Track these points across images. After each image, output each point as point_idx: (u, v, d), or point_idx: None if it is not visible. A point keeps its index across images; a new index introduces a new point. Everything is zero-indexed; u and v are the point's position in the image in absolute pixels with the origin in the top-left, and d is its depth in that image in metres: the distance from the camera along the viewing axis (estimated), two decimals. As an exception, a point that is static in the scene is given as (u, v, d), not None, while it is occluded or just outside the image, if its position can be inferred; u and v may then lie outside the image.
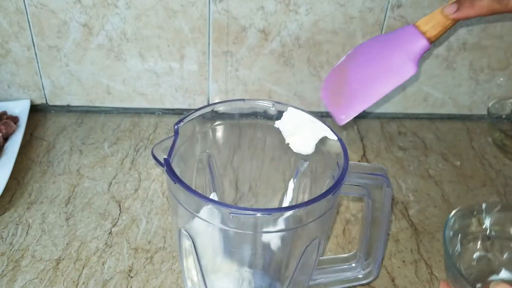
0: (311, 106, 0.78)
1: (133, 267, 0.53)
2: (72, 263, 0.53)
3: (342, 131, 0.76)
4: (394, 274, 0.54)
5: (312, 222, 0.41)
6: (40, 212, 0.59)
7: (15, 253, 0.54)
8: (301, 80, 0.75)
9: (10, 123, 0.67)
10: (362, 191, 0.45)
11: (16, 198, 0.61)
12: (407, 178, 0.68)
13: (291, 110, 0.47)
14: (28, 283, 0.50)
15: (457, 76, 0.77)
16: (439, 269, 0.55)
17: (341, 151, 0.43)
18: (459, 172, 0.70)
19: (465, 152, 0.74)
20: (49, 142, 0.70)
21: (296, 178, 0.50)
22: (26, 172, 0.65)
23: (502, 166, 0.72)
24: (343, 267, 0.49)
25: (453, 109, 0.81)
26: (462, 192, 0.66)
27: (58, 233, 0.56)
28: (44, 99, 0.76)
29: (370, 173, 0.44)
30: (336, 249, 0.57)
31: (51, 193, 0.62)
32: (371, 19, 0.70)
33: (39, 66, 0.72)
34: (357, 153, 0.72)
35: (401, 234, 0.59)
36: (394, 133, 0.77)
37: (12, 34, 0.69)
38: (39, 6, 0.67)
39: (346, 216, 0.61)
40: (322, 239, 0.45)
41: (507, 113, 0.76)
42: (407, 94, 0.78)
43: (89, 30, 0.70)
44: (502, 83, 0.78)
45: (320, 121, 0.46)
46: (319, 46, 0.72)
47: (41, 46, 0.71)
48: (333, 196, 0.40)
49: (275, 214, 0.39)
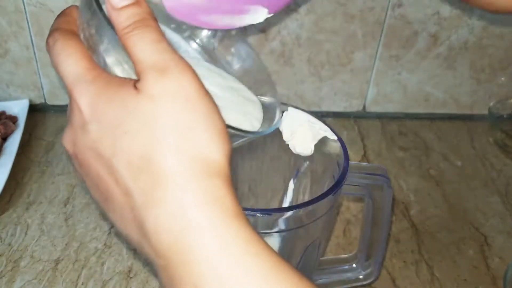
0: (311, 106, 0.77)
1: (133, 268, 0.53)
2: (71, 263, 0.53)
3: (343, 131, 0.76)
4: (395, 275, 0.54)
5: (312, 222, 0.41)
6: (39, 213, 0.59)
7: (14, 254, 0.53)
8: (301, 80, 0.75)
9: (9, 123, 0.67)
10: (363, 191, 0.45)
11: (15, 198, 0.60)
12: (408, 178, 0.68)
13: (291, 110, 0.47)
14: (27, 284, 0.50)
15: (458, 76, 0.77)
16: (440, 269, 0.55)
17: (341, 151, 0.43)
18: (460, 172, 0.70)
19: (466, 152, 0.74)
20: (48, 142, 0.70)
21: (296, 178, 0.50)
22: (25, 172, 0.64)
23: (503, 166, 0.71)
24: (343, 268, 0.49)
25: (454, 109, 0.80)
26: (463, 192, 0.66)
27: (57, 234, 0.56)
28: (43, 98, 0.76)
29: (371, 173, 0.43)
30: (336, 250, 0.57)
31: (50, 194, 0.62)
32: (372, 18, 0.70)
33: (38, 65, 0.72)
34: (358, 153, 0.72)
35: (402, 234, 0.59)
36: (395, 133, 0.77)
37: (11, 33, 0.69)
38: (38, 6, 0.67)
39: (346, 216, 0.61)
40: (323, 240, 0.44)
41: (509, 113, 0.76)
42: (408, 94, 0.78)
43: (89, 30, 0.69)
44: (504, 82, 0.78)
45: (320, 121, 0.46)
46: (319, 45, 0.72)
47: (40, 45, 0.70)
48: (333, 197, 0.40)
49: (275, 214, 0.39)
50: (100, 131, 0.27)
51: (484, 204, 0.64)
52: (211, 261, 0.24)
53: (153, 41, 0.27)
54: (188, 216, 0.25)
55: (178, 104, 0.26)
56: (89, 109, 0.28)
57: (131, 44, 0.27)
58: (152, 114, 0.26)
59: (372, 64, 0.74)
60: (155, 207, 0.25)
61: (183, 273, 0.25)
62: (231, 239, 0.24)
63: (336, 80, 0.76)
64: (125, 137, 0.26)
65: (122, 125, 0.26)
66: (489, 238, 0.59)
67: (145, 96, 0.26)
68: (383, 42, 0.72)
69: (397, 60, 0.74)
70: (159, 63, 0.26)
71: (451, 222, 0.61)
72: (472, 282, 0.54)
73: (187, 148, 0.25)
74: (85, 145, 0.28)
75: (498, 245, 0.59)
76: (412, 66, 0.75)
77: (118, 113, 0.26)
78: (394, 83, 0.77)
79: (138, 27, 0.27)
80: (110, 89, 0.27)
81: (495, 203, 0.65)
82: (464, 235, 0.60)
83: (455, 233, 0.60)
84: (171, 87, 0.26)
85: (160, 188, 0.25)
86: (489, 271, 0.55)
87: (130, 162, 0.26)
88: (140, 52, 0.27)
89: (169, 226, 0.25)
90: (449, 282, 0.54)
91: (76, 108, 0.29)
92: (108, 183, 0.27)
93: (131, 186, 0.26)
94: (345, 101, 0.78)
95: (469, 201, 0.65)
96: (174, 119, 0.25)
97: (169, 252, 0.25)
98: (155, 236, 0.25)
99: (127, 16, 0.28)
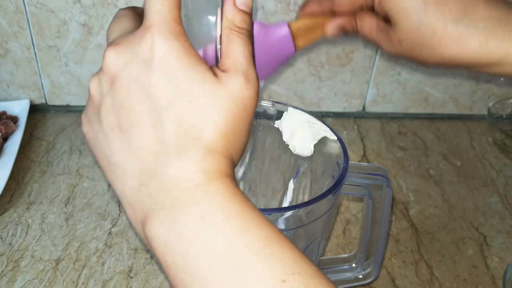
0: (311, 106, 0.78)
1: (133, 267, 0.53)
2: (72, 263, 0.53)
3: (343, 131, 0.76)
4: (394, 275, 0.54)
5: (312, 222, 0.41)
6: (40, 212, 0.59)
7: (14, 254, 0.54)
8: (301, 80, 0.75)
9: (10, 123, 0.67)
10: (362, 191, 0.45)
11: (15, 198, 0.61)
12: (408, 178, 0.68)
13: (291, 110, 0.47)
14: (28, 284, 0.50)
15: (458, 76, 0.77)
16: (439, 269, 0.55)
17: (341, 151, 0.43)
18: (459, 172, 0.70)
19: (465, 152, 0.74)
20: (48, 142, 0.70)
21: (296, 178, 0.50)
22: (26, 172, 0.65)
23: (502, 166, 0.71)
24: (343, 268, 0.49)
25: (453, 109, 0.81)
26: (462, 192, 0.66)
27: (58, 233, 0.56)
28: (44, 99, 0.76)
29: (370, 173, 0.43)
30: (336, 250, 0.57)
31: (50, 193, 0.62)
32: (371, 19, 0.70)
33: (39, 66, 0.72)
34: (357, 153, 0.72)
35: (402, 234, 0.59)
36: (395, 133, 0.77)
37: (11, 34, 0.69)
38: (39, 6, 0.67)
39: (346, 216, 0.61)
40: (322, 240, 0.45)
41: (508, 113, 0.76)
42: (408, 94, 0.78)
43: (89, 30, 0.69)
44: (503, 83, 0.78)
45: (320, 121, 0.46)
46: (319, 46, 0.72)
47: (40, 46, 0.70)
48: (333, 196, 0.40)
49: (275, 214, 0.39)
50: (165, 82, 0.29)
51: (484, 204, 0.64)
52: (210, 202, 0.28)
53: (250, 53, 0.32)
54: (207, 176, 0.29)
55: (240, 111, 0.30)
56: (162, 56, 0.29)
57: (234, 42, 0.31)
58: (223, 105, 0.29)
59: (372, 64, 0.75)
60: (184, 161, 0.29)
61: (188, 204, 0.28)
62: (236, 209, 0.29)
63: (336, 80, 0.76)
64: (188, 104, 0.29)
65: (189, 95, 0.29)
66: (488, 238, 0.59)
67: (226, 88, 0.30)
68: (382, 42, 0.72)
69: (396, 60, 0.74)
70: (249, 74, 0.31)
71: (451, 222, 0.61)
72: (471, 282, 0.54)
73: (229, 141, 0.30)
74: (138, 78, 0.29)
75: (498, 245, 0.59)
76: (412, 66, 0.75)
77: (191, 84, 0.29)
78: (393, 83, 0.77)
79: (245, 34, 0.32)
80: (191, 56, 0.29)
81: (495, 203, 0.65)
82: (463, 235, 0.60)
83: (454, 233, 0.60)
84: (245, 96, 0.30)
85: (197, 153, 0.29)
86: (489, 271, 0.55)
87: (180, 123, 0.29)
88: (238, 53, 0.31)
89: (189, 178, 0.28)
90: (449, 281, 0.54)
91: (149, 44, 0.29)
92: (141, 120, 0.29)
93: (171, 140, 0.29)
94: (344, 101, 0.78)
95: (468, 201, 0.65)
96: (232, 120, 0.30)
97: (180, 193, 0.28)
98: (173, 180, 0.28)
99: (243, 19, 0.32)
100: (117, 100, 0.29)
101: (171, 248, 0.28)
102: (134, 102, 0.29)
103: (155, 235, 0.28)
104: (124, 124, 0.29)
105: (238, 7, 0.31)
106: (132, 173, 0.29)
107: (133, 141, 0.29)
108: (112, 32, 0.32)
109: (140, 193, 0.29)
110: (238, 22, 0.31)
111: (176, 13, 0.30)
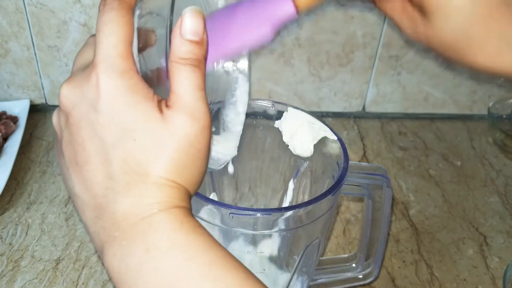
0: (311, 106, 0.78)
1: (133, 268, 0.53)
2: (72, 263, 0.53)
3: (343, 131, 0.76)
4: (394, 275, 0.54)
5: (312, 222, 0.41)
6: (40, 212, 0.59)
7: (14, 253, 0.54)
8: (301, 80, 0.75)
9: (10, 123, 0.67)
10: (362, 191, 0.45)
11: (15, 198, 0.61)
12: (408, 178, 0.68)
13: (291, 110, 0.47)
14: (28, 283, 0.50)
15: (458, 76, 0.77)
16: (439, 269, 0.55)
17: (341, 151, 0.43)
18: (459, 172, 0.70)
19: (465, 152, 0.74)
20: (48, 142, 0.70)
21: (296, 178, 0.50)
22: (26, 172, 0.65)
23: (502, 166, 0.71)
24: (343, 268, 0.49)
25: (453, 109, 0.81)
26: (462, 192, 0.66)
27: (58, 233, 0.56)
28: (44, 99, 0.76)
29: (370, 173, 0.43)
30: (336, 250, 0.57)
31: (50, 193, 0.62)
32: (372, 19, 0.70)
33: (39, 66, 0.72)
34: (357, 153, 0.72)
35: (402, 234, 0.59)
36: (395, 133, 0.77)
37: (11, 34, 0.69)
38: (39, 6, 0.67)
39: (346, 216, 0.61)
40: (322, 240, 0.45)
41: (508, 113, 0.76)
42: (408, 94, 0.78)
43: (89, 30, 0.69)
44: (503, 83, 0.78)
45: (320, 121, 0.46)
46: (319, 45, 0.72)
47: (40, 46, 0.70)
48: (333, 196, 0.40)
49: (275, 214, 0.39)
50: (110, 121, 0.29)
51: (484, 204, 0.64)
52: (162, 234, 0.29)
53: (197, 87, 0.30)
54: (153, 213, 0.30)
55: (187, 148, 0.30)
56: (108, 97, 0.29)
57: (178, 76, 0.30)
58: (167, 144, 0.29)
59: (372, 64, 0.75)
60: (131, 197, 0.29)
61: (137, 237, 0.29)
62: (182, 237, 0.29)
63: (336, 80, 0.76)
64: (133, 143, 0.29)
65: (134, 133, 0.29)
66: (488, 238, 0.59)
67: (169, 127, 0.29)
68: (382, 42, 0.72)
69: (396, 60, 0.74)
70: (194, 109, 0.30)
71: (451, 222, 0.61)
72: (471, 282, 0.54)
73: (178, 175, 0.30)
74: (87, 117, 0.30)
75: (498, 245, 0.59)
76: (412, 66, 0.75)
77: (135, 124, 0.29)
78: (393, 83, 0.77)
79: (191, 65, 0.30)
80: (136, 94, 0.29)
81: (495, 203, 0.65)
82: (463, 235, 0.60)
83: (454, 233, 0.60)
84: (189, 133, 0.30)
85: (143, 188, 0.29)
86: (489, 271, 0.55)
87: (127, 161, 0.29)
88: (182, 87, 0.30)
89: (137, 212, 0.29)
90: (449, 281, 0.54)
91: (94, 83, 0.29)
92: (92, 157, 0.30)
93: (118, 177, 0.29)
94: (344, 101, 0.78)
95: (468, 201, 0.65)
96: (178, 157, 0.30)
97: (128, 226, 0.29)
98: (122, 215, 0.29)
99: (188, 50, 0.30)
100: (73, 136, 0.30)
101: (122, 279, 0.29)
102: (85, 139, 0.30)
103: (109, 266, 0.30)
104: (79, 159, 0.30)
105: (184, 37, 0.30)
106: (89, 205, 0.30)
107: (87, 176, 0.30)
108: (76, 61, 0.33)
109: (97, 225, 0.30)
110: (183, 53, 0.30)
111: (123, 48, 0.29)
